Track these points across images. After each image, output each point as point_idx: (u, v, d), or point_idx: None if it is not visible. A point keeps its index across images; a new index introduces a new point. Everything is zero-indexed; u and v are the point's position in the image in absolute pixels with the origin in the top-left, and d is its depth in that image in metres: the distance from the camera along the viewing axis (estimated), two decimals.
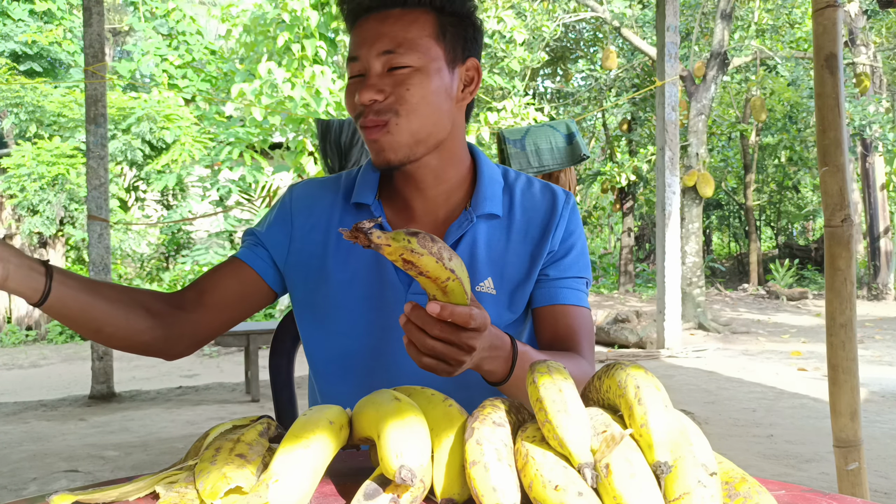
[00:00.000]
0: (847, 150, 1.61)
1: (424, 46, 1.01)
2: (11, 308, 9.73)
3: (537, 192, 1.14)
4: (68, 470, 3.47)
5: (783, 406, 4.80)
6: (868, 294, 12.58)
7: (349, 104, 1.05)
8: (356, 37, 1.04)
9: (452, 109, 1.06)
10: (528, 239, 1.11)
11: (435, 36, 1.02)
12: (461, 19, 1.05)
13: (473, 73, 1.08)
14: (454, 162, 1.10)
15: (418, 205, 1.10)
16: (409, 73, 1.00)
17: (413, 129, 1.01)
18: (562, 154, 4.58)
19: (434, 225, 1.11)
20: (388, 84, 1.00)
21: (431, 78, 1.01)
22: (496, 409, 0.65)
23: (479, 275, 1.08)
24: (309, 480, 0.61)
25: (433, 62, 1.01)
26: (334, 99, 10.11)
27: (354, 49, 1.03)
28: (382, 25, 1.01)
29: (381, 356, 1.08)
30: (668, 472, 0.56)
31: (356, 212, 1.11)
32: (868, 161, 12.21)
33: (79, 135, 10.66)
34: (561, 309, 1.10)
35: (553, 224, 1.11)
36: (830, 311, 1.60)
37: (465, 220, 1.08)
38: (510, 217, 1.12)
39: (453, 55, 1.04)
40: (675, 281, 6.97)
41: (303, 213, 1.13)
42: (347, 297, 1.08)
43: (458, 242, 1.08)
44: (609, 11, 10.79)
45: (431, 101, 1.01)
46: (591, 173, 15.38)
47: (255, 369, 5.21)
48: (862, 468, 1.59)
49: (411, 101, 1.00)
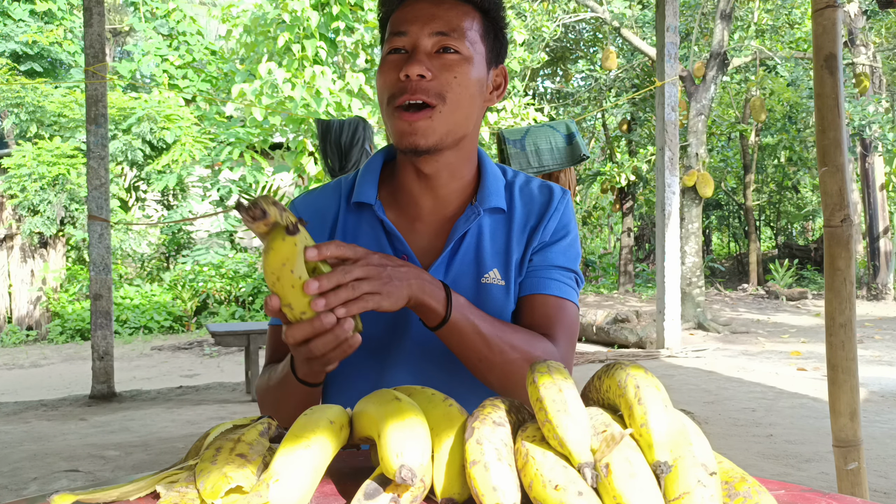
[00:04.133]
0: (846, 151, 1.61)
1: (473, 40, 1.03)
2: (12, 308, 9.73)
3: (535, 189, 1.16)
4: (69, 470, 3.47)
5: (783, 406, 4.80)
6: (868, 294, 12.58)
7: (387, 80, 1.02)
8: (405, 14, 1.03)
9: (480, 108, 1.07)
10: (526, 229, 1.12)
11: (482, 33, 1.05)
12: (499, 26, 1.08)
13: (501, 79, 1.10)
14: (469, 160, 1.10)
15: (426, 202, 1.10)
16: (458, 61, 1.01)
17: (453, 120, 1.01)
18: (562, 154, 4.58)
19: (440, 222, 1.10)
20: (436, 65, 1.00)
21: (474, 71, 1.02)
22: (496, 408, 0.65)
23: (486, 266, 1.08)
24: (309, 480, 0.62)
25: (477, 57, 1.03)
26: (334, 99, 10.11)
27: (402, 24, 1.02)
28: (437, 9, 1.02)
29: (385, 353, 1.07)
30: (668, 471, 0.56)
31: (358, 212, 1.11)
32: (867, 161, 12.21)
33: (79, 135, 10.66)
34: (542, 298, 1.08)
35: (548, 215, 1.12)
36: (830, 311, 1.60)
37: (471, 213, 1.08)
38: (511, 211, 1.13)
39: (491, 56, 1.07)
40: (675, 281, 6.97)
41: (311, 223, 1.12)
42: None
43: (465, 236, 1.09)
44: (609, 12, 10.79)
45: (471, 93, 1.03)
46: (591, 173, 15.38)
47: (255, 369, 5.21)
48: (861, 468, 1.59)
49: (457, 89, 1.00)
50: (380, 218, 1.08)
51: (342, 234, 1.10)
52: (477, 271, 1.08)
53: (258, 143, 10.85)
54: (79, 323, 9.65)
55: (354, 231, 1.10)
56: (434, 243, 1.10)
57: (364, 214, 1.11)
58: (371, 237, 1.09)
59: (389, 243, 1.08)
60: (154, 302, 10.43)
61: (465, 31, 1.02)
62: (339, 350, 0.84)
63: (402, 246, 1.07)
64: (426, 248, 1.09)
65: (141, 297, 10.53)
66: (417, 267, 0.92)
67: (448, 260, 1.08)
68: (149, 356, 8.12)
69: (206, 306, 10.69)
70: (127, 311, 10.11)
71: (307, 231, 0.80)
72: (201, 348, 8.39)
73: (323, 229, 1.11)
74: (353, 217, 1.11)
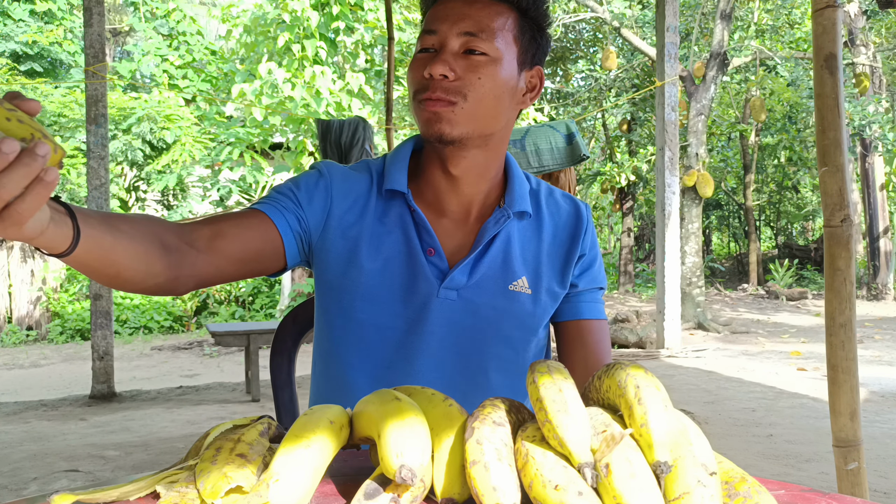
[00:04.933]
0: (846, 151, 1.61)
1: (504, 40, 1.01)
2: (12, 308, 9.73)
3: (560, 198, 1.17)
4: (69, 470, 3.47)
5: (783, 406, 4.80)
6: (868, 294, 12.58)
7: (413, 77, 1.03)
8: (438, 11, 1.03)
9: (510, 109, 1.06)
10: (557, 242, 1.13)
11: (515, 34, 1.03)
12: (539, 26, 1.07)
13: (537, 80, 1.09)
14: (497, 160, 1.09)
15: (452, 200, 1.08)
16: (484, 62, 1.00)
17: (476, 116, 1.01)
18: (562, 154, 4.58)
19: (466, 222, 1.09)
20: (461, 65, 1.00)
21: (502, 72, 1.01)
22: (496, 408, 0.65)
23: (514, 273, 1.08)
24: (309, 480, 0.62)
25: (507, 58, 1.02)
26: (334, 99, 10.12)
27: (433, 23, 1.02)
28: (470, 8, 1.01)
29: (403, 349, 1.07)
30: (668, 471, 0.56)
31: (389, 198, 1.09)
32: (867, 161, 12.21)
33: (79, 135, 10.66)
34: (586, 325, 1.13)
35: (581, 232, 1.13)
36: (830, 311, 1.60)
37: (501, 216, 1.07)
38: (538, 218, 1.13)
39: (524, 58, 1.05)
40: (675, 281, 6.98)
41: (341, 193, 1.09)
42: (377, 287, 1.06)
43: (494, 239, 1.08)
44: (609, 12, 10.79)
45: (498, 94, 1.02)
46: (591, 173, 15.38)
47: (255, 369, 5.22)
48: (861, 468, 1.59)
49: (480, 89, 1.00)
50: (411, 207, 1.07)
51: (374, 220, 1.08)
52: (505, 277, 1.08)
53: (258, 143, 10.85)
54: (79, 323, 9.66)
55: (383, 217, 1.08)
56: (461, 241, 1.09)
57: (394, 202, 1.09)
58: (398, 225, 1.07)
59: (417, 234, 1.07)
60: (154, 302, 10.44)
61: (495, 32, 1.01)
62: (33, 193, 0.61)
63: (431, 238, 1.06)
64: (453, 245, 1.08)
65: (141, 297, 10.53)
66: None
67: (475, 261, 1.07)
68: (149, 356, 8.12)
69: (205, 306, 10.70)
70: (127, 311, 10.11)
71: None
72: (201, 348, 8.39)
73: (352, 206, 1.08)
74: (382, 203, 1.09)
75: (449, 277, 1.06)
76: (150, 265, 0.86)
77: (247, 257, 1.00)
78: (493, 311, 1.08)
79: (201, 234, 0.96)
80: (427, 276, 1.06)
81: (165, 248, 0.88)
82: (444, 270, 1.06)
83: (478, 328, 1.08)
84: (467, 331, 1.07)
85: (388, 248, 1.07)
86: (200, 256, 0.94)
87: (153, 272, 0.87)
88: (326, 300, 1.11)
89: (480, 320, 1.07)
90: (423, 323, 1.06)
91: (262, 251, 1.02)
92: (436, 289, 1.06)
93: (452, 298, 1.06)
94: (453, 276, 1.06)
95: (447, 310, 1.06)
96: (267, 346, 5.20)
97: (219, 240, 0.97)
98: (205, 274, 0.96)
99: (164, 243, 0.88)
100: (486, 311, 1.07)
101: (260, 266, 1.03)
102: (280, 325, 1.37)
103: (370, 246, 1.06)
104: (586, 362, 1.11)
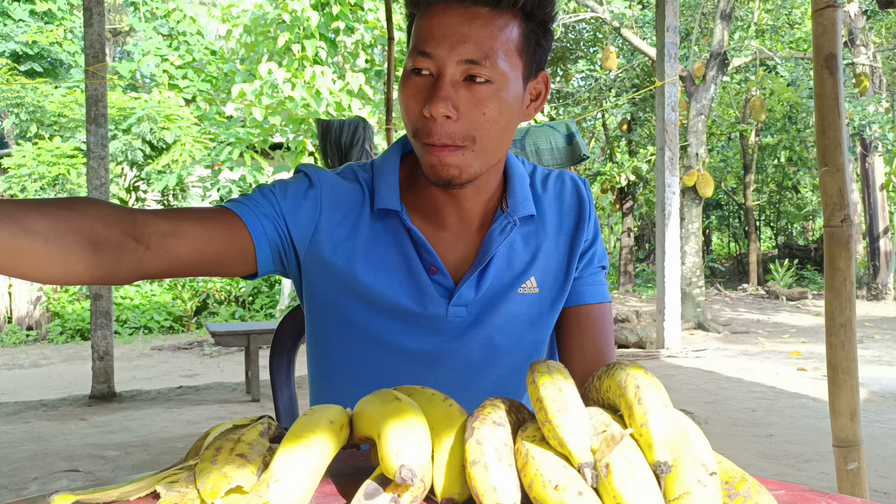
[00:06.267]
0: (846, 151, 1.61)
1: (509, 59, 0.91)
2: (12, 308, 9.73)
3: (556, 181, 1.10)
4: (69, 470, 3.47)
5: (783, 406, 4.80)
6: (868, 294, 12.58)
7: (409, 109, 0.93)
8: (433, 28, 0.90)
9: (516, 124, 0.98)
10: (563, 230, 1.07)
11: (520, 48, 0.93)
12: (544, 28, 0.96)
13: (542, 86, 1.00)
14: (497, 172, 1.02)
15: (451, 213, 1.02)
16: (489, 94, 0.90)
17: (485, 152, 0.94)
18: (562, 154, 4.58)
19: (468, 232, 1.03)
20: (463, 98, 0.90)
21: (508, 96, 0.92)
22: (496, 408, 0.65)
23: (522, 276, 1.04)
24: (309, 480, 0.62)
25: (513, 77, 0.92)
26: (334, 99, 10.12)
27: (428, 43, 0.90)
28: (470, 27, 0.89)
29: (414, 370, 1.03)
30: (668, 471, 0.56)
31: (383, 216, 1.02)
32: (867, 161, 12.21)
33: (79, 135, 10.67)
34: (586, 310, 1.07)
35: (585, 213, 1.07)
36: (830, 311, 1.60)
37: (506, 224, 1.01)
38: (540, 211, 1.07)
39: (529, 70, 0.95)
40: (675, 281, 6.98)
41: (331, 205, 1.01)
42: (379, 306, 1.01)
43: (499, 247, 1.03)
44: (609, 12, 10.79)
45: (505, 123, 0.93)
46: (591, 173, 15.38)
47: (255, 369, 5.22)
48: (861, 468, 1.59)
49: (487, 126, 0.91)
50: (407, 226, 1.00)
51: (368, 236, 1.01)
52: (513, 282, 1.03)
53: (258, 143, 10.85)
54: (79, 323, 9.66)
55: (377, 235, 1.01)
56: (464, 253, 1.03)
57: (388, 221, 1.01)
58: (395, 246, 1.01)
59: (417, 253, 1.00)
60: (154, 302, 10.44)
61: (498, 53, 0.90)
62: None
63: (431, 257, 1.00)
64: (455, 259, 1.02)
65: (141, 297, 10.54)
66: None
67: (481, 273, 1.02)
68: (149, 356, 8.12)
69: (206, 306, 10.70)
70: (127, 311, 10.11)
71: None
72: (201, 348, 8.39)
73: (342, 220, 1.01)
74: (375, 220, 1.02)
75: (456, 294, 1.01)
76: (68, 266, 0.79)
77: (204, 259, 0.92)
78: (503, 319, 1.03)
79: (156, 229, 0.87)
80: (433, 295, 1.01)
81: (96, 247, 0.81)
82: (450, 288, 1.01)
83: (491, 343, 1.04)
84: (480, 348, 1.03)
85: (386, 267, 1.01)
86: (147, 254, 0.87)
87: (74, 272, 0.80)
88: (320, 315, 1.06)
89: (493, 331, 1.03)
90: (434, 343, 1.02)
91: (223, 254, 0.94)
92: (444, 308, 1.01)
93: (462, 315, 1.02)
94: (461, 293, 1.01)
95: (457, 327, 1.02)
96: (267, 346, 5.20)
97: (174, 239, 0.88)
98: (150, 270, 0.89)
99: (94, 241, 0.81)
100: (498, 321, 1.03)
101: (219, 269, 0.96)
102: (280, 325, 1.36)
103: (366, 262, 1.00)
104: (586, 351, 1.07)
